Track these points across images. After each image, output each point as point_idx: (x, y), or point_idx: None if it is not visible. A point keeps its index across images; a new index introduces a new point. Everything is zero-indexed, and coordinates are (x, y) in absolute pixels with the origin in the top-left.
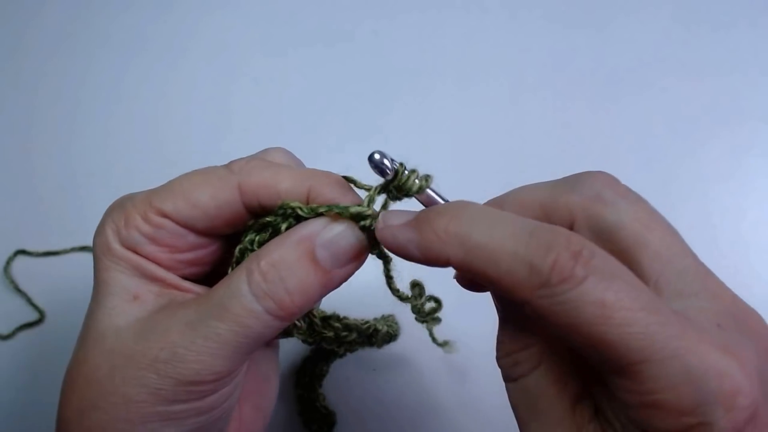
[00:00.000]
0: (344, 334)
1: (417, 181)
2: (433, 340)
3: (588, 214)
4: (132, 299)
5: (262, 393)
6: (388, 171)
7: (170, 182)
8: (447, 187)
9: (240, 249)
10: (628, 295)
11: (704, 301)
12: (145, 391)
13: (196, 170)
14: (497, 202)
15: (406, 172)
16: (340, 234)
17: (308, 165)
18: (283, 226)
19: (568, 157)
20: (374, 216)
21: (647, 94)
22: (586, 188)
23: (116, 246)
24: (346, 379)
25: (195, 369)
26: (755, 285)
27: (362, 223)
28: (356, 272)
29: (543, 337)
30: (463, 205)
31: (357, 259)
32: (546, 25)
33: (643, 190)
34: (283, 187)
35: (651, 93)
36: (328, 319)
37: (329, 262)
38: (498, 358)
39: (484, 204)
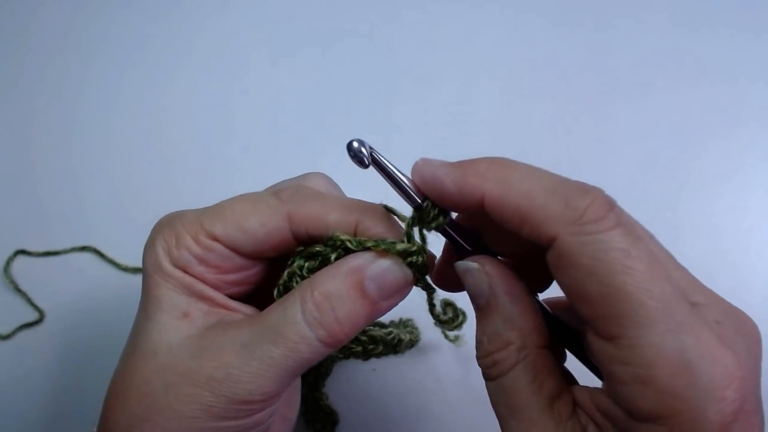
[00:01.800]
0: (371, 347)
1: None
2: (446, 336)
3: (568, 234)
4: (182, 316)
5: (290, 404)
6: (366, 161)
7: (220, 205)
8: None
9: (288, 273)
10: (650, 258)
11: (703, 301)
12: (198, 407)
13: (245, 195)
14: (505, 182)
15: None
16: (388, 268)
17: (311, 164)
18: (333, 256)
19: (568, 158)
20: (419, 251)
21: (648, 96)
22: (574, 205)
23: (167, 264)
24: (346, 379)
25: (248, 389)
26: (755, 285)
27: (408, 259)
28: None
29: (520, 338)
30: (502, 159)
31: (402, 292)
32: (547, 26)
33: (643, 191)
34: (332, 219)
35: (651, 94)
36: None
37: (377, 294)
38: (477, 358)
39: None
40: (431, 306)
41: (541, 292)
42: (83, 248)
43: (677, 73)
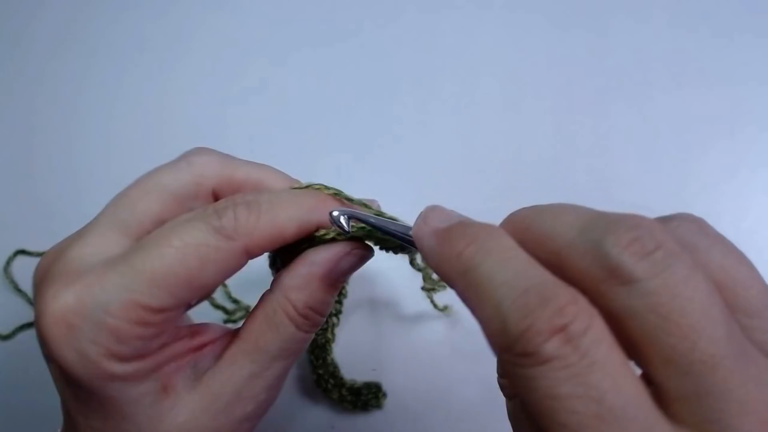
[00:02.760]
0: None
1: None
2: (434, 305)
3: (597, 289)
4: (165, 395)
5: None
6: (345, 229)
7: (146, 267)
8: (448, 188)
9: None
10: (588, 393)
11: (677, 406)
12: None
13: (172, 238)
14: (526, 223)
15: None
16: (355, 263)
17: (313, 164)
18: None
19: (568, 159)
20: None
21: (649, 97)
22: (604, 251)
23: (119, 368)
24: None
25: (274, 400)
26: None
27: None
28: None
29: None
30: (488, 234)
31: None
32: (547, 29)
33: (644, 192)
34: (289, 233)
35: (652, 96)
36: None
37: (344, 281)
38: (497, 373)
39: (515, 214)
40: (411, 260)
41: None
42: None
43: (678, 74)
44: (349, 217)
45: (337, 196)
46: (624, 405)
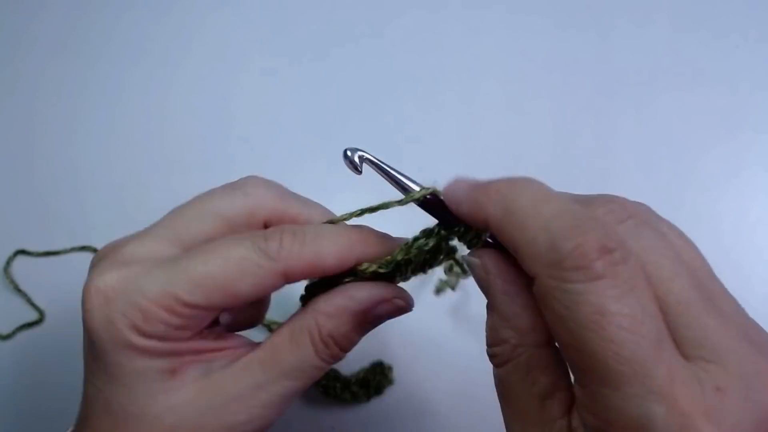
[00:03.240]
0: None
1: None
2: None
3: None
4: (170, 376)
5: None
6: (359, 168)
7: (190, 268)
8: None
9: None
10: (634, 315)
11: (710, 356)
12: None
13: (219, 250)
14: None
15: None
16: (389, 310)
17: (312, 167)
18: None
19: (570, 160)
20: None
21: (650, 99)
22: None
23: (136, 339)
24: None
25: (270, 421)
26: (756, 283)
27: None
28: None
29: (516, 337)
30: (523, 178)
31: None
32: (548, 31)
33: (645, 193)
34: (329, 264)
35: (653, 97)
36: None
37: (373, 326)
38: (486, 344)
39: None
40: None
41: None
42: (83, 248)
43: (679, 76)
44: (361, 158)
45: (385, 237)
46: (659, 330)
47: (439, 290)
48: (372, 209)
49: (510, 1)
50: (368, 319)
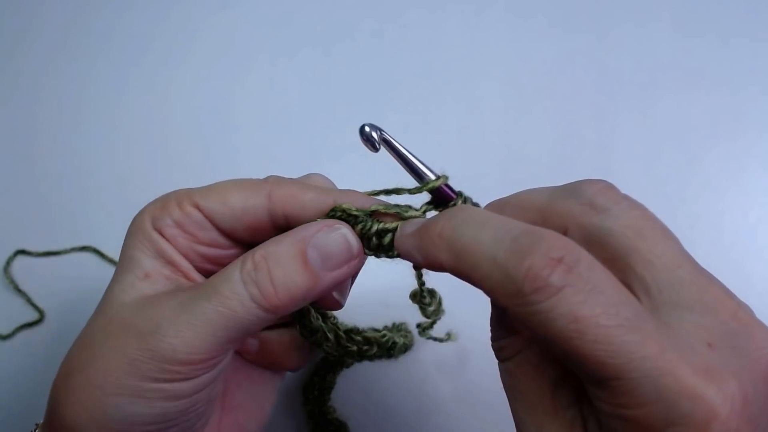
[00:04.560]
0: (365, 348)
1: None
2: (435, 339)
3: (579, 222)
4: (144, 276)
5: (249, 413)
6: (376, 144)
7: (212, 184)
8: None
9: None
10: (606, 310)
11: (699, 315)
12: (124, 360)
13: (236, 179)
14: (500, 204)
15: (464, 203)
16: (333, 238)
17: (318, 165)
18: None
19: (571, 161)
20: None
21: (651, 100)
22: (580, 195)
23: (146, 225)
24: (353, 386)
25: (172, 344)
26: (757, 283)
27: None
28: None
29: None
30: (459, 209)
31: (349, 265)
32: (549, 31)
33: (646, 193)
34: (308, 197)
35: (654, 98)
36: (350, 332)
37: (319, 263)
38: (490, 340)
39: (487, 205)
40: (413, 294)
41: None
42: (83, 248)
43: (680, 77)
44: (380, 136)
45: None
46: (635, 310)
47: (423, 330)
48: (386, 192)
49: (512, 1)
50: (310, 252)
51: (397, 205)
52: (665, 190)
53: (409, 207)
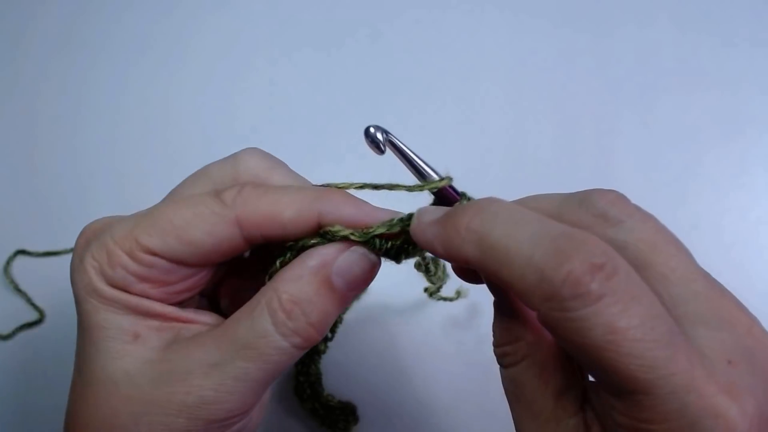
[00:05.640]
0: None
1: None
2: (445, 299)
3: (591, 233)
4: (132, 339)
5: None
6: (381, 146)
7: (154, 214)
8: None
9: (271, 273)
10: (643, 323)
11: (716, 330)
12: None
13: (180, 199)
14: (520, 200)
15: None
16: (354, 260)
17: (319, 166)
18: None
19: (571, 162)
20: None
21: (651, 100)
22: (592, 206)
23: (102, 286)
24: (343, 366)
25: (225, 408)
26: (757, 282)
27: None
28: None
29: (530, 334)
30: (489, 202)
31: (370, 278)
32: (549, 32)
33: (646, 194)
34: (287, 216)
35: (655, 99)
36: None
37: (345, 287)
38: (493, 345)
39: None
40: (417, 263)
41: None
42: None
43: (681, 77)
44: (385, 138)
45: (356, 200)
46: (669, 327)
47: (432, 294)
48: (376, 186)
49: (513, 2)
50: (332, 277)
51: (401, 219)
52: (665, 190)
53: (411, 216)
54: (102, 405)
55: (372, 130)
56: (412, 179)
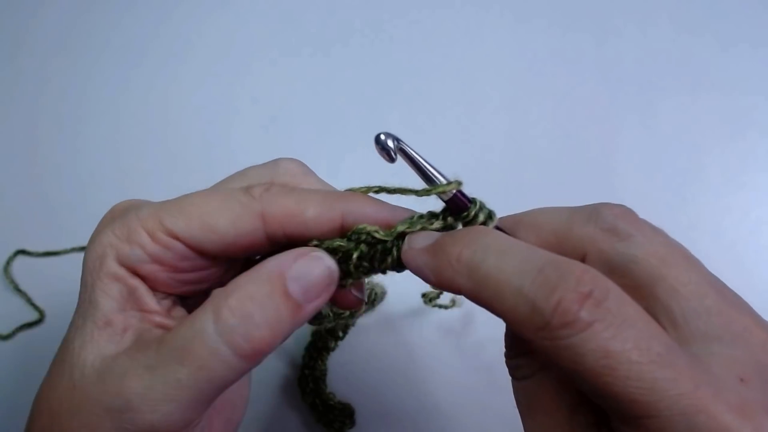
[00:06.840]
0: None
1: (481, 216)
2: (441, 306)
3: (600, 247)
4: (104, 325)
5: (233, 405)
6: (393, 154)
7: (182, 200)
8: None
9: None
10: (638, 345)
11: (728, 346)
12: None
13: (210, 190)
14: (513, 221)
15: (478, 211)
16: (314, 270)
17: (318, 167)
18: (355, 254)
19: (571, 161)
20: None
21: (652, 101)
22: (600, 220)
23: (111, 262)
24: (348, 366)
25: (150, 420)
26: (758, 282)
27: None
28: None
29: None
30: (478, 233)
31: (328, 291)
32: (550, 33)
33: (647, 194)
34: (310, 215)
35: (655, 99)
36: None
37: (301, 295)
38: (505, 356)
39: (498, 220)
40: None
41: None
42: (83, 248)
43: (682, 78)
44: (397, 142)
45: (377, 201)
46: (666, 344)
47: (430, 300)
48: (390, 190)
49: (514, 3)
50: (291, 285)
51: (421, 216)
52: (666, 190)
53: (432, 214)
54: (54, 389)
55: (383, 137)
56: (418, 182)
